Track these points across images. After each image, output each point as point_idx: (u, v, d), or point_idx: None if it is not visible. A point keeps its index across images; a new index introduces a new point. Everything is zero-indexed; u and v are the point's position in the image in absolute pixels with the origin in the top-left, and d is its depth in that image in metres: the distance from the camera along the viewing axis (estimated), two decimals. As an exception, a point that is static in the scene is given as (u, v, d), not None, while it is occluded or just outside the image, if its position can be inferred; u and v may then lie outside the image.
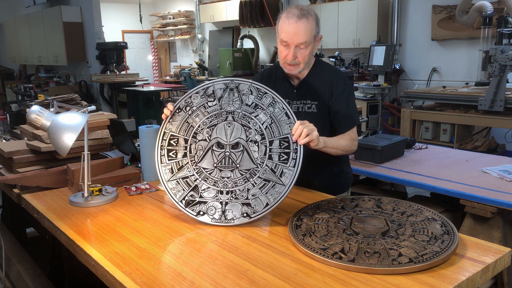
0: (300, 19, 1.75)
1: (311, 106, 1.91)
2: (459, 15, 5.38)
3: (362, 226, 1.47)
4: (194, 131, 1.68)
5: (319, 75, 1.93)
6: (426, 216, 1.53)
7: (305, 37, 1.76)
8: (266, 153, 1.61)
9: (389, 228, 1.45)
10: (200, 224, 1.60)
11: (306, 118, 1.75)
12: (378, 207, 1.63)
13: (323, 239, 1.40)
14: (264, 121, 1.64)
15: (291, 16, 1.77)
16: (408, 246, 1.32)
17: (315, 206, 1.67)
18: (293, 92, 1.94)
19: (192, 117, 1.69)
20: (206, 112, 1.69)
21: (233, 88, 1.69)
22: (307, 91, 1.92)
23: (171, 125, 1.71)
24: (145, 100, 7.27)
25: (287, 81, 1.96)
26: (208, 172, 1.64)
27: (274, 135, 1.62)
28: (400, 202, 1.66)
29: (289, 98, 1.91)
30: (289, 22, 1.77)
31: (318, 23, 1.82)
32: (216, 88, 1.70)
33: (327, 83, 1.90)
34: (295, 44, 1.77)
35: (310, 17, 1.78)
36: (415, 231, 1.42)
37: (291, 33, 1.76)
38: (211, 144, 1.66)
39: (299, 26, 1.75)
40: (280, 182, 1.58)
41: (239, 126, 1.65)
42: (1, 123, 3.81)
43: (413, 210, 1.59)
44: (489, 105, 4.16)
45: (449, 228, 1.43)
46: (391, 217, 1.53)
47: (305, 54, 1.80)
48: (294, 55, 1.79)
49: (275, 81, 1.97)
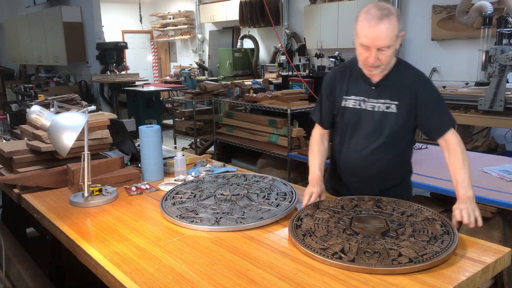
0: (382, 21, 1.59)
1: (390, 106, 1.77)
2: (459, 15, 5.38)
3: (362, 226, 1.47)
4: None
5: (401, 75, 1.79)
6: (426, 216, 1.53)
7: (388, 40, 1.61)
8: (264, 197, 1.82)
9: (389, 228, 1.45)
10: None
11: (383, 118, 1.74)
12: (378, 207, 1.63)
13: (323, 239, 1.40)
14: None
15: (371, 17, 1.61)
16: (408, 246, 1.32)
17: (315, 206, 1.67)
18: (371, 89, 1.80)
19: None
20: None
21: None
22: (386, 90, 1.78)
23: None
24: (145, 100, 7.27)
25: (364, 79, 1.81)
26: (208, 203, 1.78)
27: (272, 190, 1.88)
28: (400, 202, 1.66)
29: (366, 96, 1.80)
30: (369, 25, 1.61)
31: (400, 20, 1.65)
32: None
33: (411, 85, 1.76)
34: (376, 47, 1.63)
35: (392, 16, 1.61)
36: (415, 231, 1.42)
37: (373, 37, 1.61)
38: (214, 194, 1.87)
39: (380, 29, 1.60)
40: (274, 208, 1.70)
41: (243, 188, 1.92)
42: (1, 123, 3.81)
43: (413, 210, 1.59)
44: (489, 105, 4.15)
45: (449, 228, 1.43)
46: (391, 217, 1.53)
47: (387, 55, 1.66)
48: (375, 57, 1.65)
49: (349, 79, 1.85)
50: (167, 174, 2.24)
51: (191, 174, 2.16)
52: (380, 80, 1.79)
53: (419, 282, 1.18)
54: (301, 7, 8.14)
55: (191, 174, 2.16)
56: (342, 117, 1.85)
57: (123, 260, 1.36)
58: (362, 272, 1.23)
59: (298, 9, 8.35)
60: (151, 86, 8.24)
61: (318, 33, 7.63)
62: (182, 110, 6.31)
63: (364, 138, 1.80)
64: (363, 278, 1.21)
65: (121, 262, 1.35)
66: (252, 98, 4.91)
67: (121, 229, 1.60)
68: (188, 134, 5.80)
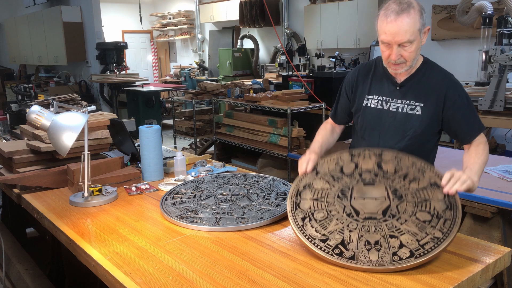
0: (400, 15, 1.56)
1: (414, 107, 1.71)
2: (459, 15, 5.38)
3: (363, 202, 1.44)
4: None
5: (428, 76, 1.74)
6: (429, 180, 1.46)
7: (408, 35, 1.57)
8: (264, 197, 1.81)
9: (390, 204, 1.41)
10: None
11: (406, 120, 1.71)
12: (379, 167, 1.55)
13: (322, 225, 1.38)
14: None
15: (389, 13, 1.58)
16: (409, 232, 1.31)
17: (313, 170, 1.61)
18: (395, 89, 1.76)
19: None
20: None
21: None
22: (411, 91, 1.73)
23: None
24: (145, 100, 7.27)
25: (388, 78, 1.78)
26: (208, 203, 1.77)
27: (272, 190, 1.89)
28: (402, 159, 1.56)
29: (390, 96, 1.77)
30: (387, 21, 1.58)
31: (423, 14, 1.62)
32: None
33: (439, 86, 1.71)
34: (397, 43, 1.60)
35: (412, 10, 1.58)
36: (417, 206, 1.39)
37: (391, 33, 1.58)
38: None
39: (399, 23, 1.56)
40: (274, 208, 1.69)
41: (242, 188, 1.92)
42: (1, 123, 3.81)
43: (415, 171, 1.51)
44: (489, 105, 4.15)
45: (452, 200, 1.39)
46: (393, 184, 1.48)
47: (410, 51, 1.62)
48: (397, 54, 1.62)
49: (373, 78, 1.81)
50: (167, 174, 2.24)
51: (191, 174, 2.16)
52: (405, 79, 1.74)
53: (419, 282, 1.18)
54: (301, 7, 8.14)
55: (191, 174, 2.16)
56: (362, 116, 1.82)
57: (123, 260, 1.36)
58: (362, 271, 1.24)
59: (298, 9, 8.35)
60: (151, 86, 8.24)
61: (318, 33, 7.64)
62: (182, 110, 6.31)
63: (385, 140, 1.76)
64: (363, 278, 1.21)
65: (121, 262, 1.35)
66: (252, 98, 4.91)
67: (121, 229, 1.60)
68: (188, 134, 5.80)
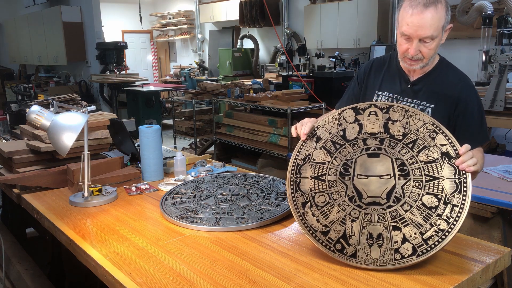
0: (427, 8, 1.48)
1: (425, 108, 1.64)
2: (459, 15, 5.38)
3: (366, 182, 1.37)
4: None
5: (442, 76, 1.67)
6: (440, 149, 1.35)
7: (431, 30, 1.49)
8: (264, 197, 1.81)
9: (396, 184, 1.34)
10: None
11: None
12: (386, 130, 1.41)
13: (324, 213, 1.36)
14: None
15: (415, 4, 1.49)
16: (414, 222, 1.28)
17: (313, 135, 1.48)
18: (407, 88, 1.69)
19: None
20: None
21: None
22: (424, 90, 1.67)
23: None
24: (145, 100, 7.27)
25: (401, 76, 1.71)
26: (208, 203, 1.77)
27: (272, 190, 1.88)
28: (412, 117, 1.40)
29: (401, 94, 1.70)
30: (412, 12, 1.49)
31: (449, 10, 1.54)
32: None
33: (453, 89, 1.64)
34: (419, 37, 1.51)
35: (439, 4, 1.50)
36: (423, 188, 1.32)
37: (415, 25, 1.49)
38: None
39: (424, 17, 1.48)
40: (274, 208, 1.69)
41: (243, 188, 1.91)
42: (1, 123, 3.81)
43: (425, 135, 1.38)
44: (489, 105, 4.15)
45: (461, 179, 1.32)
46: (399, 155, 1.38)
47: (430, 47, 1.54)
48: (416, 49, 1.53)
49: (385, 73, 1.75)
50: (167, 174, 2.24)
51: (191, 174, 2.15)
52: (418, 78, 1.68)
53: (419, 282, 1.18)
54: (301, 7, 8.14)
55: (191, 174, 2.15)
56: None
57: (123, 260, 1.36)
58: (363, 271, 1.24)
59: (298, 9, 8.35)
60: (151, 86, 8.25)
61: (318, 33, 7.64)
62: (182, 110, 6.31)
63: None
64: (363, 278, 1.21)
65: (121, 262, 1.35)
66: (252, 98, 4.91)
67: (121, 229, 1.60)
68: (188, 134, 5.80)
